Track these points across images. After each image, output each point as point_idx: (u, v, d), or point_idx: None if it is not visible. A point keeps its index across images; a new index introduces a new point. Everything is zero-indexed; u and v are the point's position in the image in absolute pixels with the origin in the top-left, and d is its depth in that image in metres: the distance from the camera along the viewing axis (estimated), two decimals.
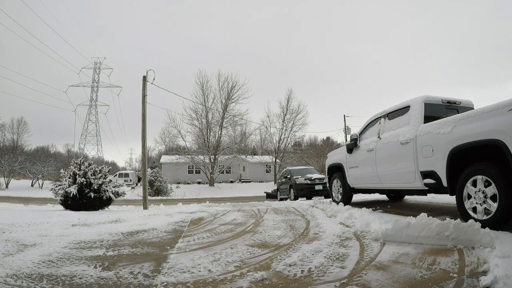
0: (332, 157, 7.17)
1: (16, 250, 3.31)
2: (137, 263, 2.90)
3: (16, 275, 2.51)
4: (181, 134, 32.09)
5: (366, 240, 3.46)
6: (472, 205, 3.45)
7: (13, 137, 48.28)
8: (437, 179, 4.04)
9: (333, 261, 2.75)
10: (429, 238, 3.03)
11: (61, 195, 8.91)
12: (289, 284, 2.28)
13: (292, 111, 34.85)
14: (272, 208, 6.80)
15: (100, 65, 49.20)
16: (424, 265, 2.47)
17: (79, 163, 9.27)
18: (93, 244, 3.68)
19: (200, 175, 34.11)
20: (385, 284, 2.17)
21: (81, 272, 2.62)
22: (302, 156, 36.53)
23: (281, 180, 14.85)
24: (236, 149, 33.77)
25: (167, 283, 2.36)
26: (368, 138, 5.74)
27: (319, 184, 12.07)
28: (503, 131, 3.05)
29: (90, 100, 49.68)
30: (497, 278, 1.98)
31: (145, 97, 11.22)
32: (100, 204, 8.97)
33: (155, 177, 25.23)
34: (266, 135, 37.56)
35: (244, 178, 37.20)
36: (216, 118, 32.34)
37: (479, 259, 2.46)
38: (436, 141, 3.99)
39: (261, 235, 4.02)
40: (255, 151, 41.60)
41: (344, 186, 6.48)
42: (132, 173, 36.88)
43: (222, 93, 32.30)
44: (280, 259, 2.90)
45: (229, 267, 2.71)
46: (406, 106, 4.86)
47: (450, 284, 2.10)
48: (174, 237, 4.08)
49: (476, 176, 3.38)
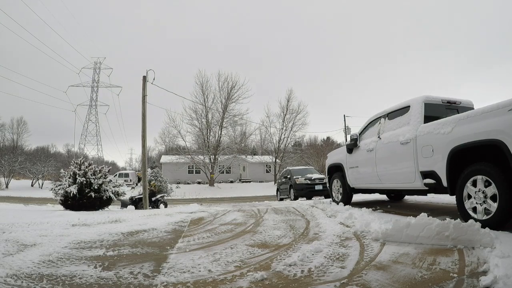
0: (332, 157, 7.17)
1: (16, 250, 3.31)
2: (137, 263, 2.90)
3: (16, 275, 2.51)
4: (181, 134, 32.15)
5: (366, 240, 3.46)
6: (472, 205, 3.45)
7: (13, 137, 48.32)
8: (437, 179, 4.04)
9: (333, 261, 2.75)
10: (429, 238, 3.03)
11: (61, 195, 8.92)
12: (289, 284, 2.28)
13: (292, 111, 34.93)
14: (272, 208, 6.80)
15: (100, 65, 49.29)
16: (424, 265, 2.47)
17: (79, 163, 9.27)
18: (93, 244, 3.68)
19: (200, 175, 34.11)
20: (385, 284, 2.17)
21: (81, 272, 2.62)
22: (302, 156, 36.55)
23: (281, 180, 14.85)
24: (236, 149, 33.77)
25: (167, 283, 2.36)
26: (368, 138, 5.74)
27: (319, 184, 12.06)
28: (503, 131, 3.05)
29: (90, 100, 49.76)
30: (497, 278, 1.98)
31: (145, 97, 11.23)
32: (100, 204, 8.97)
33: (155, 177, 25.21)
34: (266, 135, 37.65)
35: (244, 178, 37.20)
36: (216, 118, 32.39)
37: (479, 259, 2.45)
38: (436, 141, 3.99)
39: (261, 235, 4.02)
40: (255, 151, 41.61)
41: (344, 186, 6.48)
42: (132, 173, 36.86)
43: (222, 93, 32.35)
44: (280, 259, 2.89)
45: (229, 267, 2.71)
46: (406, 106, 4.86)
47: (450, 284, 2.10)
48: (174, 237, 4.08)
49: (476, 176, 3.38)
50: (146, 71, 11.27)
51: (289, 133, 35.20)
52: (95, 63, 49.05)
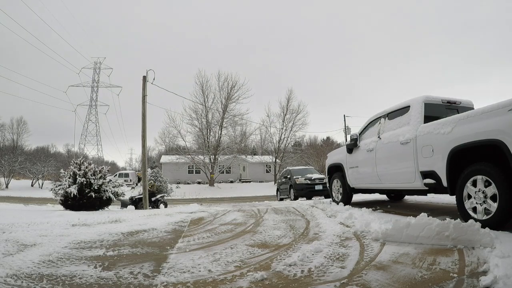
0: (332, 157, 7.17)
1: (16, 250, 3.31)
2: (137, 263, 2.90)
3: (16, 275, 2.51)
4: (181, 134, 32.14)
5: (366, 240, 3.46)
6: (472, 205, 3.45)
7: (13, 137, 48.31)
8: (437, 179, 4.04)
9: (333, 261, 2.75)
10: (429, 238, 3.03)
11: (61, 195, 8.92)
12: (289, 284, 2.28)
13: (292, 111, 34.92)
14: (272, 208, 6.80)
15: (100, 65, 49.29)
16: (424, 265, 2.47)
17: (79, 163, 9.27)
18: (93, 244, 3.68)
19: (200, 175, 34.10)
20: (385, 284, 2.17)
21: (81, 272, 2.62)
22: (302, 156, 36.54)
23: (281, 180, 14.85)
24: (236, 149, 33.77)
25: (167, 283, 2.36)
26: (368, 138, 5.74)
27: (319, 184, 12.06)
28: (503, 131, 3.05)
29: (90, 100, 49.76)
30: (497, 278, 1.98)
31: (145, 97, 11.23)
32: (100, 204, 8.97)
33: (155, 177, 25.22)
34: (266, 135, 37.66)
35: (244, 178, 37.20)
36: (216, 118, 32.38)
37: (479, 259, 2.45)
38: (436, 141, 3.99)
39: (261, 235, 4.02)
40: (255, 151, 41.61)
41: (344, 186, 6.48)
42: (132, 173, 36.86)
43: (222, 93, 32.34)
44: (280, 259, 2.89)
45: (229, 267, 2.71)
46: (406, 106, 4.86)
47: (450, 284, 2.10)
48: (174, 237, 4.08)
49: (476, 176, 3.38)
50: (146, 71, 11.28)
51: (289, 133, 35.26)
52: (95, 63, 49.11)
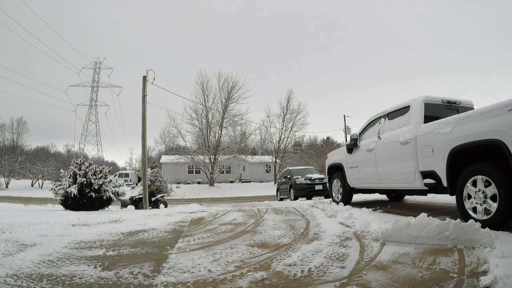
0: (332, 157, 7.17)
1: (16, 250, 3.31)
2: (137, 263, 2.90)
3: (16, 275, 2.51)
4: (181, 134, 32.15)
5: (366, 240, 3.46)
6: (472, 205, 3.45)
7: (13, 137, 48.33)
8: (437, 179, 4.04)
9: (333, 261, 2.75)
10: (429, 238, 3.03)
11: (61, 195, 8.92)
12: (289, 284, 2.28)
13: (292, 111, 34.87)
14: (272, 208, 6.80)
15: (100, 65, 49.28)
16: (424, 265, 2.47)
17: (79, 163, 9.28)
18: (93, 244, 3.68)
19: (200, 175, 34.09)
20: (385, 284, 2.17)
21: (81, 272, 2.62)
22: (302, 156, 36.52)
23: (281, 180, 14.85)
24: (236, 149, 33.76)
25: (167, 283, 2.35)
26: (368, 138, 5.74)
27: (319, 184, 12.06)
28: (503, 131, 3.05)
29: (90, 100, 49.74)
30: (497, 278, 1.98)
31: (145, 97, 11.23)
32: (100, 204, 8.98)
33: (155, 177, 25.21)
34: (266, 135, 37.55)
35: (244, 178, 37.19)
36: (216, 118, 32.37)
37: (479, 259, 2.45)
38: (436, 141, 3.99)
39: (261, 235, 4.02)
40: (255, 151, 41.58)
41: (344, 186, 6.48)
42: (132, 173, 36.88)
43: (222, 93, 32.32)
44: (280, 259, 2.89)
45: (229, 267, 2.71)
46: (406, 106, 4.86)
47: (450, 284, 2.10)
48: (174, 237, 4.08)
49: (476, 176, 3.38)
50: (146, 71, 11.29)
51: (289, 133, 35.21)
52: (95, 63, 49.08)
